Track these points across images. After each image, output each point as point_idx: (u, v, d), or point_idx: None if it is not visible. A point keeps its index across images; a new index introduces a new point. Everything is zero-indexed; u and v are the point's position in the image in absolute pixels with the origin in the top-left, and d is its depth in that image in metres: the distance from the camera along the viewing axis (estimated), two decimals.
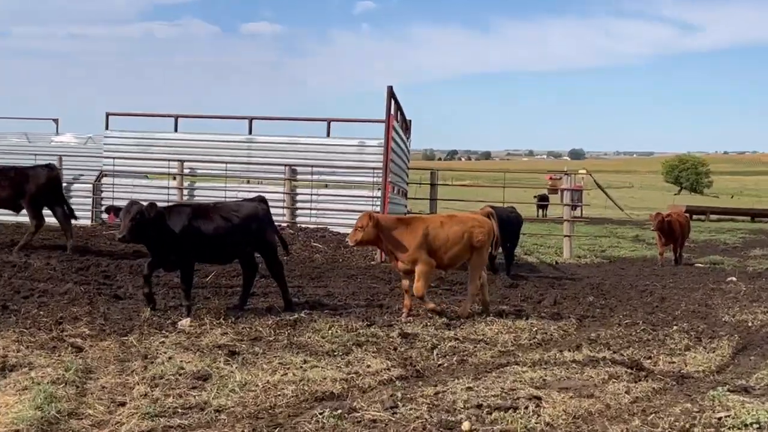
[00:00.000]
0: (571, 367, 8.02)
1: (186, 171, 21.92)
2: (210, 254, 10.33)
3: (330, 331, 9.33)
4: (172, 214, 10.04)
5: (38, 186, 15.88)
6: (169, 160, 21.83)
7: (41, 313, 9.81)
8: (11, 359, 7.66)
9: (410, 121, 24.61)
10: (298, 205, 21.07)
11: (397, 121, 19.69)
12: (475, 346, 8.98)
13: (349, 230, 19.88)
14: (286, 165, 21.05)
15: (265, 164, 21.52)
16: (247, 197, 11.82)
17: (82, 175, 24.82)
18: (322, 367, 7.71)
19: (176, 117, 22.74)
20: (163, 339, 8.77)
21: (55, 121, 31.15)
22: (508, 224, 15.65)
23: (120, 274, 13.48)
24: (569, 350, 8.84)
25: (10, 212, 16.99)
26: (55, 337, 8.60)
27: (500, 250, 14.41)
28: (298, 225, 20.47)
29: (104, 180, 23.04)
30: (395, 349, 8.71)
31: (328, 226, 20.20)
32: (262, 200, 10.91)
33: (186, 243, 9.91)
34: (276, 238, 10.97)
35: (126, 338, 8.75)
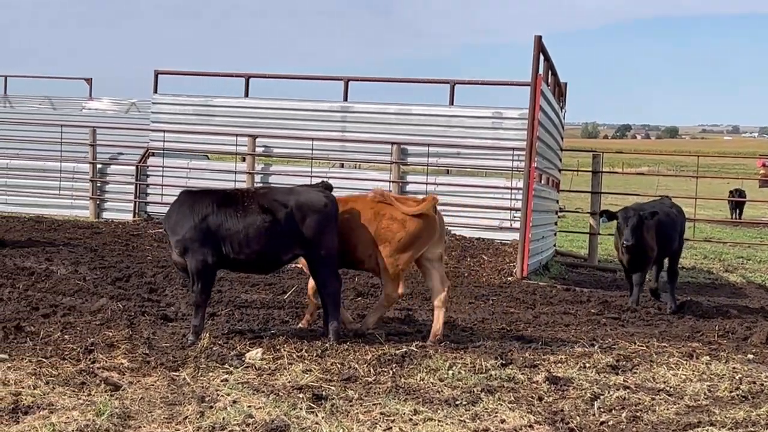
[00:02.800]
0: None
1: (259, 149, 22.24)
2: (240, 260, 10.45)
3: (450, 372, 9.31)
4: (189, 201, 10.39)
5: None
6: (236, 135, 22.19)
7: (66, 337, 10.09)
8: (26, 398, 7.89)
9: (565, 84, 24.38)
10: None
11: (548, 85, 19.52)
12: (653, 398, 8.82)
13: (479, 233, 20.01)
14: (393, 143, 21.12)
15: (366, 142, 21.65)
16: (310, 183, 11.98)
17: (121, 153, 25.49)
18: (439, 421, 7.70)
19: (247, 77, 23.09)
20: (225, 376, 8.91)
21: (88, 81, 32.18)
22: (670, 224, 15.03)
23: (170, 287, 13.77)
24: None
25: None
26: (84, 370, 8.83)
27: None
28: None
29: (151, 160, 23.58)
30: (540, 398, 8.63)
31: (450, 227, 20.16)
32: (327, 187, 10.91)
33: (198, 240, 10.21)
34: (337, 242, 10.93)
35: (177, 374, 8.92)
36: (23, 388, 8.16)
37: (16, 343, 9.72)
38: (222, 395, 8.21)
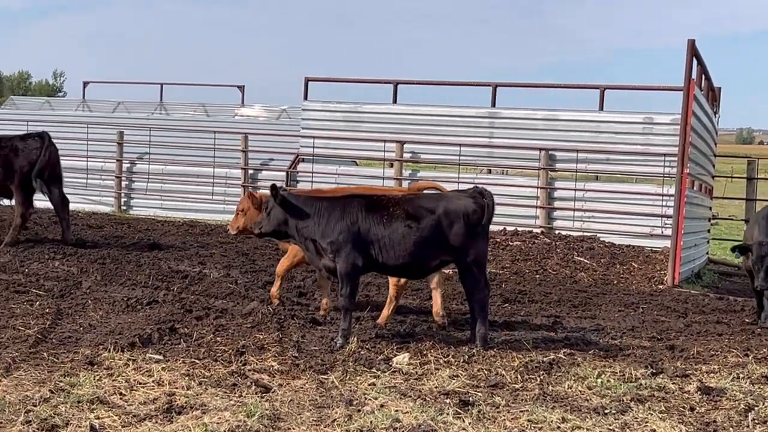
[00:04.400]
0: None
1: (406, 155, 22.34)
2: (389, 264, 10.51)
3: (599, 380, 9.21)
4: (335, 203, 10.54)
5: (31, 162, 16.64)
6: (384, 141, 22.34)
7: (218, 339, 10.32)
8: (179, 398, 8.08)
9: (719, 89, 23.91)
10: (558, 203, 20.99)
11: (701, 90, 19.17)
12: None
13: (629, 240, 19.75)
14: (541, 149, 21.01)
15: (513, 148, 21.58)
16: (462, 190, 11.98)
17: (272, 159, 25.95)
18: (587, 429, 7.62)
19: (395, 84, 23.27)
20: (373, 380, 8.98)
21: (241, 88, 32.85)
22: None
23: (319, 291, 13.93)
24: None
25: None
26: (236, 372, 9.00)
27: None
28: (557, 231, 20.38)
29: (301, 166, 23.92)
30: (692, 409, 8.46)
31: (599, 234, 19.99)
32: (480, 193, 10.78)
33: (350, 243, 10.32)
34: (486, 249, 10.89)
35: (325, 377, 9.02)
36: (177, 388, 8.37)
37: (170, 345, 9.97)
38: (369, 399, 8.27)
